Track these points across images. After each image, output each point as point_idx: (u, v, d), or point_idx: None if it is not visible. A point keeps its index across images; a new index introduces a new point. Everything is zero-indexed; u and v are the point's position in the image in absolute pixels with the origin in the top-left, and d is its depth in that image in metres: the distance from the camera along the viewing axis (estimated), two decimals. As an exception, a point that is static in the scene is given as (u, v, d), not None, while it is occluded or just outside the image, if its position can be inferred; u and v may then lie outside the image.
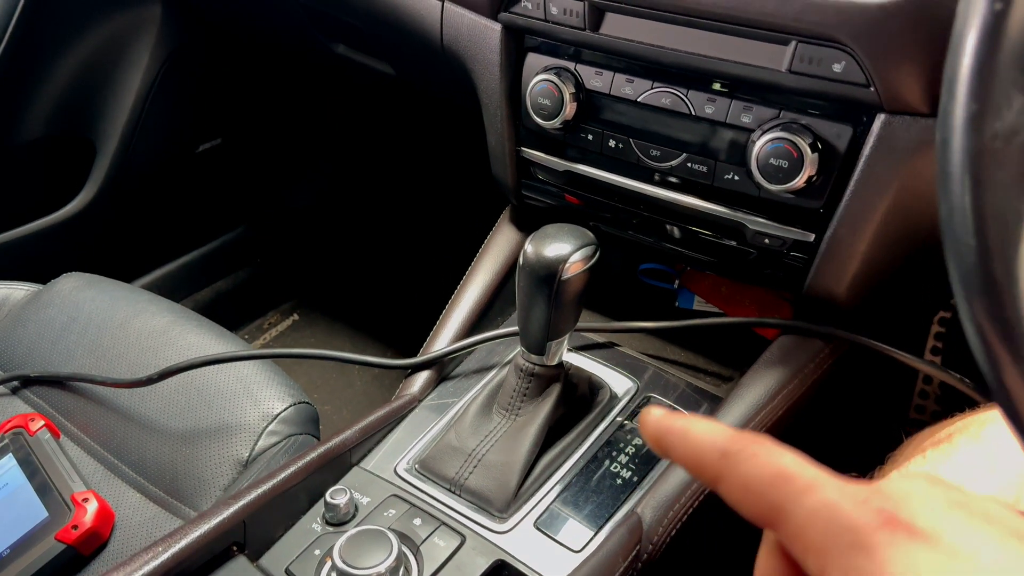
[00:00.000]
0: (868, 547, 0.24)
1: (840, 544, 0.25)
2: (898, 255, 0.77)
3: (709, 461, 0.29)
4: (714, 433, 0.30)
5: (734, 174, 0.77)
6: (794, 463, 0.28)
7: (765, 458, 0.28)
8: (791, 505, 0.26)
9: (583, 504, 0.73)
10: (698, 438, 0.30)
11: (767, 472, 0.28)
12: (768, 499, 0.27)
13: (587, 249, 0.72)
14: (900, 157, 0.68)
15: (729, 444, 0.29)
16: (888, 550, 0.24)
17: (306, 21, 1.25)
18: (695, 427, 0.31)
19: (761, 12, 0.68)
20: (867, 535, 0.24)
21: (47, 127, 1.41)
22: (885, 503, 0.25)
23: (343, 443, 0.76)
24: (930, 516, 0.24)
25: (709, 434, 0.30)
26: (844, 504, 0.25)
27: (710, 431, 0.30)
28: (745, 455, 0.28)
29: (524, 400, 0.78)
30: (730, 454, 0.29)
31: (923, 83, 0.64)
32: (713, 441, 0.30)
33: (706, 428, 0.30)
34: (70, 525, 0.81)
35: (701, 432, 0.30)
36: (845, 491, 0.26)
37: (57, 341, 1.04)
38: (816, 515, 0.26)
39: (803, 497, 0.26)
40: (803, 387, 0.79)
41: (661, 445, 0.32)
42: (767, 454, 0.28)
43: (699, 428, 0.30)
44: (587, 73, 0.83)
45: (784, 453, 0.28)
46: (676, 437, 0.31)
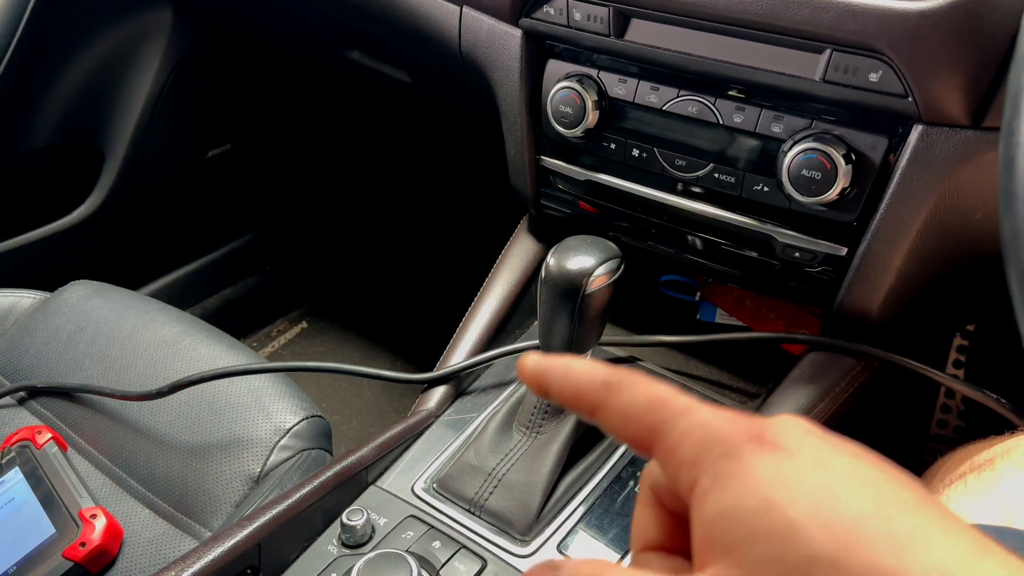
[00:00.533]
0: (736, 455, 0.27)
1: (711, 454, 0.27)
2: (934, 271, 0.75)
3: (589, 391, 0.31)
4: (594, 367, 0.31)
5: (763, 185, 0.75)
6: (671, 391, 0.30)
7: (644, 386, 0.30)
8: (667, 425, 0.29)
9: (608, 527, 0.71)
10: (579, 372, 0.32)
11: (645, 398, 0.30)
12: (646, 422, 0.29)
13: (612, 262, 0.70)
14: (938, 170, 0.66)
15: (609, 376, 0.31)
16: (754, 457, 0.26)
17: (320, 27, 1.23)
18: (575, 364, 0.32)
19: (795, 20, 0.65)
20: (736, 446, 0.27)
21: (55, 135, 1.40)
22: (753, 425, 0.27)
23: (359, 461, 0.74)
24: (792, 436, 0.27)
25: (589, 368, 0.31)
26: (716, 422, 0.28)
27: (590, 366, 0.32)
28: (625, 384, 0.30)
29: (545, 417, 0.75)
30: (610, 384, 0.30)
31: (964, 94, 0.62)
32: (593, 373, 0.31)
33: (586, 364, 0.32)
34: (78, 542, 0.79)
35: (581, 367, 0.32)
36: (717, 413, 0.28)
37: (65, 351, 1.02)
38: (690, 432, 0.28)
39: (679, 418, 0.29)
40: (834, 406, 0.77)
41: (540, 382, 0.33)
42: (646, 383, 0.30)
43: (579, 364, 0.32)
44: (610, 80, 0.80)
45: (661, 383, 0.30)
46: (556, 373, 0.32)
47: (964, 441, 0.73)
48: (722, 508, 0.26)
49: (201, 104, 1.60)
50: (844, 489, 0.25)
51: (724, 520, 0.26)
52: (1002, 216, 0.39)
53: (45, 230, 1.43)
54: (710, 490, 0.27)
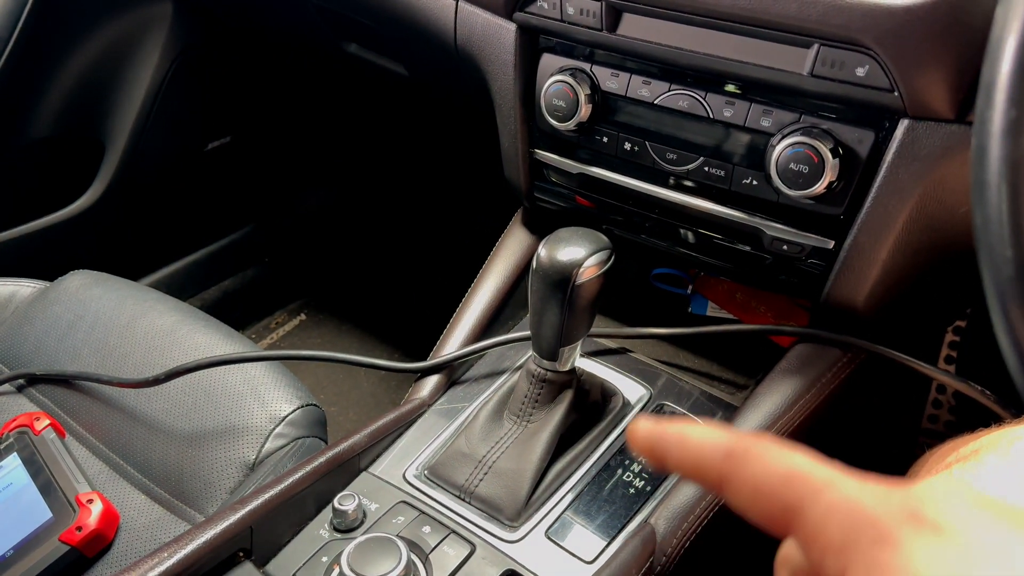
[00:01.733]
0: (893, 541, 0.23)
1: (863, 540, 0.23)
2: (919, 264, 0.76)
3: (712, 463, 0.28)
4: (715, 435, 0.28)
5: (752, 179, 0.76)
6: (806, 462, 0.26)
7: (775, 457, 0.27)
8: (807, 503, 0.25)
9: (595, 514, 0.72)
10: (698, 441, 0.28)
11: (778, 471, 0.26)
12: (781, 499, 0.26)
13: (602, 253, 0.71)
14: (923, 164, 0.67)
15: (734, 445, 0.27)
16: (914, 544, 0.23)
17: (318, 20, 1.24)
18: (692, 431, 0.29)
19: (783, 14, 0.66)
20: (891, 530, 0.23)
21: (56, 126, 1.41)
22: (908, 499, 0.24)
23: (352, 448, 0.75)
24: (956, 513, 0.23)
25: (709, 437, 0.28)
26: (865, 499, 0.24)
27: (709, 433, 0.28)
28: (752, 455, 0.27)
29: (536, 406, 0.76)
30: (735, 455, 0.27)
31: (949, 88, 0.63)
32: (715, 443, 0.28)
33: (704, 431, 0.29)
34: (74, 526, 0.80)
35: (700, 435, 0.29)
36: (865, 487, 0.25)
37: (63, 339, 1.03)
38: (835, 511, 0.24)
39: (820, 495, 0.25)
40: (820, 397, 0.78)
41: (656, 453, 0.30)
42: (777, 453, 0.27)
43: (697, 432, 0.29)
44: (603, 74, 0.81)
45: (794, 452, 0.27)
46: (672, 442, 0.29)
47: (954, 436, 0.74)
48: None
49: (201, 96, 1.61)
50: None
51: None
52: (974, 205, 0.40)
53: (45, 220, 1.44)
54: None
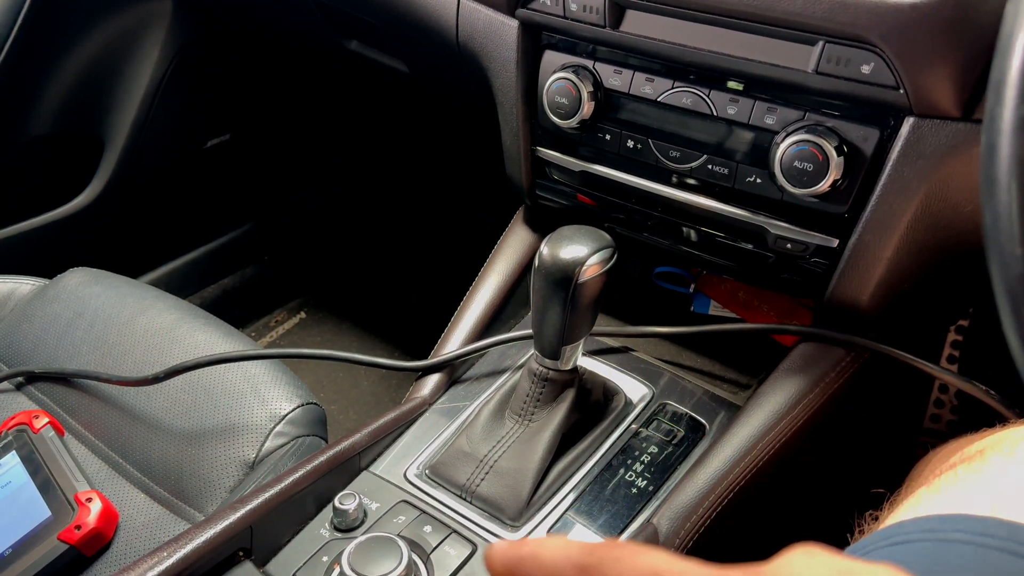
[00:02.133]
0: None
1: None
2: (924, 262, 0.75)
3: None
4: (567, 548, 0.28)
5: (756, 177, 0.75)
6: (663, 560, 0.26)
7: (630, 561, 0.27)
8: None
9: (597, 513, 0.72)
10: (551, 555, 0.28)
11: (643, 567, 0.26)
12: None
13: (604, 252, 0.71)
14: (929, 162, 0.66)
15: (584, 556, 0.27)
16: None
17: (319, 17, 1.23)
18: (545, 546, 0.29)
19: (788, 11, 0.66)
20: None
21: (55, 123, 1.40)
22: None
23: (352, 447, 0.75)
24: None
25: (563, 550, 0.28)
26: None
27: (562, 546, 0.28)
28: (607, 563, 0.27)
29: (537, 405, 0.76)
30: (589, 566, 0.27)
31: (955, 86, 0.63)
32: (568, 556, 0.28)
33: (557, 544, 0.29)
34: (73, 525, 0.80)
35: (553, 549, 0.28)
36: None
37: (63, 337, 1.03)
38: None
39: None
40: (824, 396, 0.77)
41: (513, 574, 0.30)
42: (631, 556, 0.27)
43: (550, 546, 0.29)
44: (606, 72, 0.81)
45: (648, 552, 0.27)
46: (528, 563, 0.29)
47: (956, 435, 0.74)
48: None
49: (201, 94, 1.61)
50: None
51: None
52: (983, 203, 0.39)
53: (45, 217, 1.44)
54: None
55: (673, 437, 0.79)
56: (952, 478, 0.60)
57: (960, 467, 0.62)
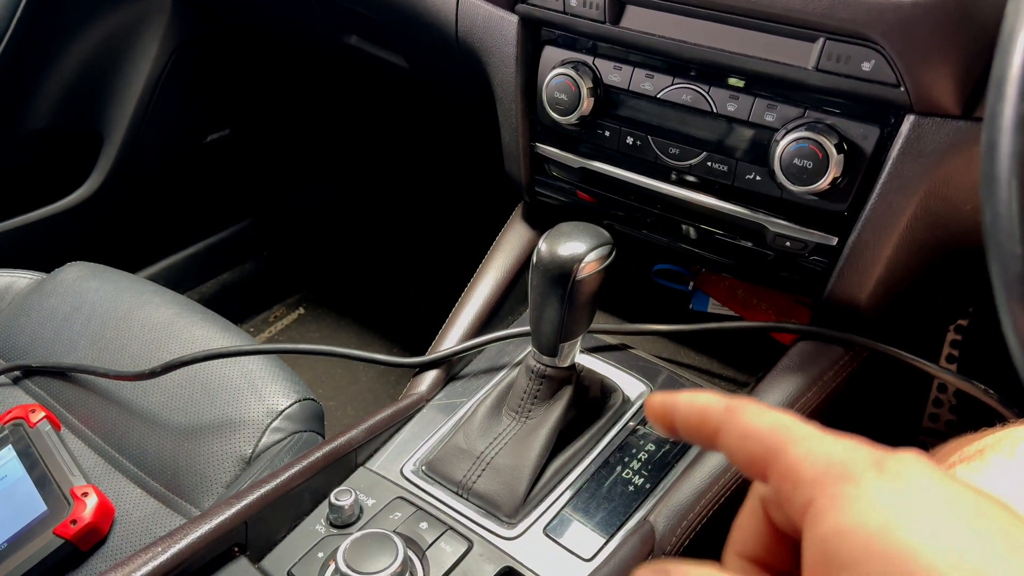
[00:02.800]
0: (857, 478, 0.27)
1: (830, 475, 0.27)
2: (923, 261, 0.75)
3: (713, 415, 0.32)
4: (718, 397, 0.33)
5: (756, 174, 0.75)
6: (794, 419, 0.30)
7: (767, 411, 0.31)
8: (788, 446, 0.29)
9: (594, 511, 0.71)
10: (704, 399, 0.33)
11: (768, 420, 0.30)
12: (765, 443, 0.30)
13: (603, 248, 0.70)
14: (929, 160, 0.66)
15: (731, 401, 0.32)
16: (875, 482, 0.26)
17: (318, 12, 1.23)
18: (701, 394, 0.34)
19: (789, 7, 0.65)
20: (857, 470, 0.27)
21: (54, 117, 1.40)
22: (874, 453, 0.28)
23: (348, 443, 0.74)
24: (913, 469, 0.27)
25: (713, 397, 0.33)
26: (837, 447, 0.28)
27: (714, 396, 0.33)
28: (749, 408, 0.31)
29: (535, 402, 0.76)
30: (733, 408, 0.31)
31: (956, 83, 0.62)
32: (718, 400, 0.32)
33: (710, 395, 0.33)
34: (69, 520, 0.80)
35: (706, 395, 0.33)
36: (839, 441, 0.29)
37: (60, 331, 1.02)
38: (810, 453, 0.28)
39: (800, 441, 0.29)
40: (822, 395, 0.77)
41: (666, 414, 0.34)
42: (769, 410, 0.31)
43: (704, 394, 0.33)
44: (605, 68, 0.80)
45: (785, 412, 0.31)
46: (683, 402, 0.33)
47: (955, 435, 0.73)
48: (839, 527, 0.26)
49: (200, 89, 1.60)
50: (966, 524, 0.25)
51: (841, 538, 0.26)
52: (983, 201, 0.39)
53: (43, 212, 1.44)
54: (827, 510, 0.26)
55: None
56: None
57: (959, 467, 0.62)
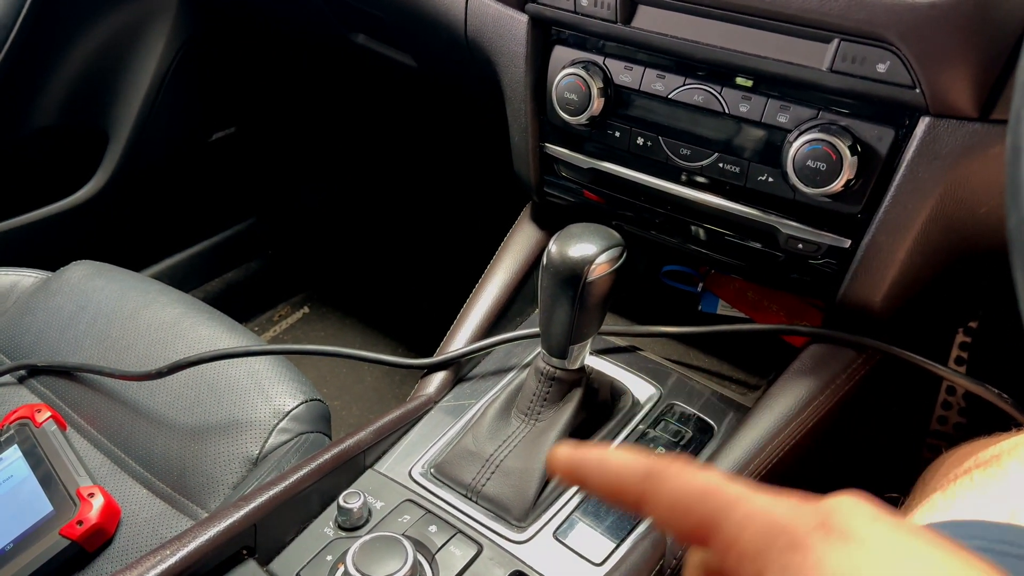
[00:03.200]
0: (805, 547, 0.25)
1: (776, 546, 0.26)
2: (937, 264, 0.74)
3: (630, 484, 0.30)
4: (632, 458, 0.30)
5: (768, 176, 0.74)
6: (719, 479, 0.28)
7: (691, 474, 0.29)
8: (723, 515, 0.27)
9: (604, 515, 0.71)
10: (617, 464, 0.30)
11: (694, 488, 0.28)
12: (698, 513, 0.28)
13: (614, 250, 0.70)
14: (944, 162, 0.65)
15: (650, 466, 0.30)
16: (824, 548, 0.25)
17: (325, 10, 1.22)
18: (611, 455, 0.31)
19: (804, 8, 0.65)
20: (803, 536, 0.25)
21: (59, 115, 1.40)
22: (817, 511, 0.26)
23: (357, 444, 0.74)
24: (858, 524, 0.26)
25: (628, 459, 0.30)
26: (777, 510, 0.27)
27: (628, 457, 0.31)
28: (669, 474, 0.29)
29: (544, 405, 0.75)
30: (653, 475, 0.29)
31: (973, 86, 0.62)
32: (634, 465, 0.30)
33: (623, 456, 0.31)
34: (75, 520, 0.79)
35: (619, 459, 0.31)
36: (776, 500, 0.27)
37: (65, 330, 1.02)
38: (750, 521, 0.27)
39: (735, 507, 0.27)
40: (834, 399, 0.76)
41: (575, 477, 0.32)
42: (692, 471, 0.29)
43: (616, 455, 0.31)
44: (616, 68, 0.80)
45: (708, 471, 0.29)
46: (592, 465, 0.31)
47: (964, 438, 0.73)
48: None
49: (206, 87, 1.60)
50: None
51: None
52: (1008, 207, 0.38)
53: (48, 210, 1.43)
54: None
55: (681, 438, 0.79)
56: (968, 483, 0.59)
57: (975, 472, 0.61)
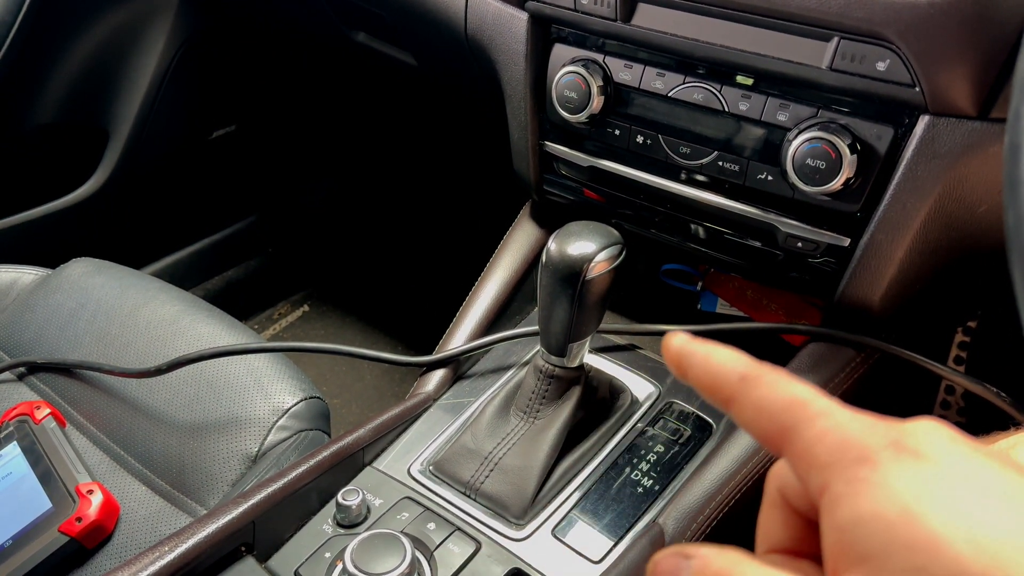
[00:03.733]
0: (873, 461, 0.25)
1: (846, 458, 0.26)
2: (936, 263, 0.74)
3: (726, 382, 0.31)
4: (735, 358, 0.31)
5: (767, 174, 0.74)
6: (809, 392, 0.29)
7: (783, 384, 0.29)
8: (802, 425, 0.28)
9: (603, 513, 0.71)
10: (719, 360, 0.31)
11: (783, 395, 0.29)
12: (780, 421, 0.28)
13: (613, 248, 0.70)
14: (944, 161, 0.65)
15: (749, 369, 0.30)
16: (893, 464, 0.25)
17: (326, 8, 1.22)
18: (717, 351, 0.32)
19: (803, 6, 0.65)
20: (873, 451, 0.26)
21: (60, 113, 1.40)
22: (892, 430, 0.27)
23: (356, 442, 0.74)
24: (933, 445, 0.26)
25: (730, 359, 0.31)
26: (853, 425, 0.27)
27: (732, 357, 0.31)
28: (764, 380, 0.30)
29: (543, 403, 0.75)
30: (749, 378, 0.30)
31: (973, 84, 0.62)
32: (734, 364, 0.31)
33: (728, 354, 0.31)
34: (74, 517, 0.80)
35: (723, 356, 0.31)
36: (856, 417, 0.27)
37: (65, 327, 1.02)
38: (826, 434, 0.27)
39: (815, 420, 0.28)
40: (834, 397, 0.76)
41: (681, 365, 0.32)
42: (785, 381, 0.29)
43: (721, 353, 0.32)
44: (616, 66, 0.80)
45: (801, 383, 0.29)
46: (698, 358, 0.32)
47: (980, 436, 0.73)
48: (857, 515, 0.25)
49: (206, 84, 1.60)
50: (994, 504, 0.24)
51: (860, 527, 0.25)
52: (1006, 204, 0.38)
53: (48, 207, 1.43)
54: (844, 495, 0.25)
55: (680, 436, 0.79)
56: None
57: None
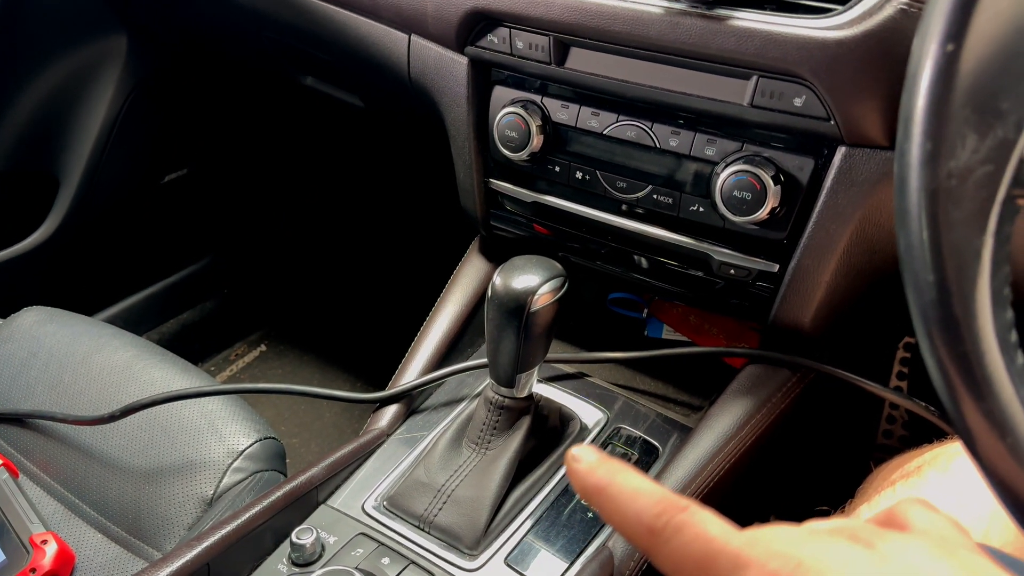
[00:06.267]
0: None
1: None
2: (861, 284, 0.78)
3: (639, 536, 0.31)
4: (639, 506, 0.31)
5: (699, 206, 0.78)
6: (721, 533, 0.29)
7: (691, 532, 0.29)
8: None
9: (554, 539, 0.73)
10: (625, 510, 0.31)
11: (695, 551, 0.29)
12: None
13: (555, 281, 0.72)
14: (861, 189, 0.69)
15: (654, 520, 0.30)
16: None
17: (275, 54, 1.24)
18: (622, 494, 0.31)
19: (723, 48, 0.69)
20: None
21: (8, 161, 1.39)
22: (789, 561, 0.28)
23: (309, 480, 0.75)
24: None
25: (634, 506, 0.31)
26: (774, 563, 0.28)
27: (635, 502, 0.31)
28: (670, 530, 0.30)
29: (494, 433, 0.77)
30: (656, 531, 0.30)
31: (882, 117, 0.66)
32: (639, 517, 0.30)
33: (631, 497, 0.31)
34: (28, 568, 0.79)
35: (627, 503, 0.31)
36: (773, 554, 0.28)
37: (17, 377, 1.02)
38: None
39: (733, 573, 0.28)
40: (771, 416, 0.79)
41: (587, 500, 0.33)
42: (693, 526, 0.29)
43: (625, 497, 0.31)
44: (553, 106, 0.83)
45: (708, 521, 0.29)
46: (605, 501, 0.32)
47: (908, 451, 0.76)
48: None
49: (157, 129, 1.60)
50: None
51: None
52: (898, 232, 0.41)
53: (-2, 256, 1.42)
54: None
55: (628, 459, 0.81)
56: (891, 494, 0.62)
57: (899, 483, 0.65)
